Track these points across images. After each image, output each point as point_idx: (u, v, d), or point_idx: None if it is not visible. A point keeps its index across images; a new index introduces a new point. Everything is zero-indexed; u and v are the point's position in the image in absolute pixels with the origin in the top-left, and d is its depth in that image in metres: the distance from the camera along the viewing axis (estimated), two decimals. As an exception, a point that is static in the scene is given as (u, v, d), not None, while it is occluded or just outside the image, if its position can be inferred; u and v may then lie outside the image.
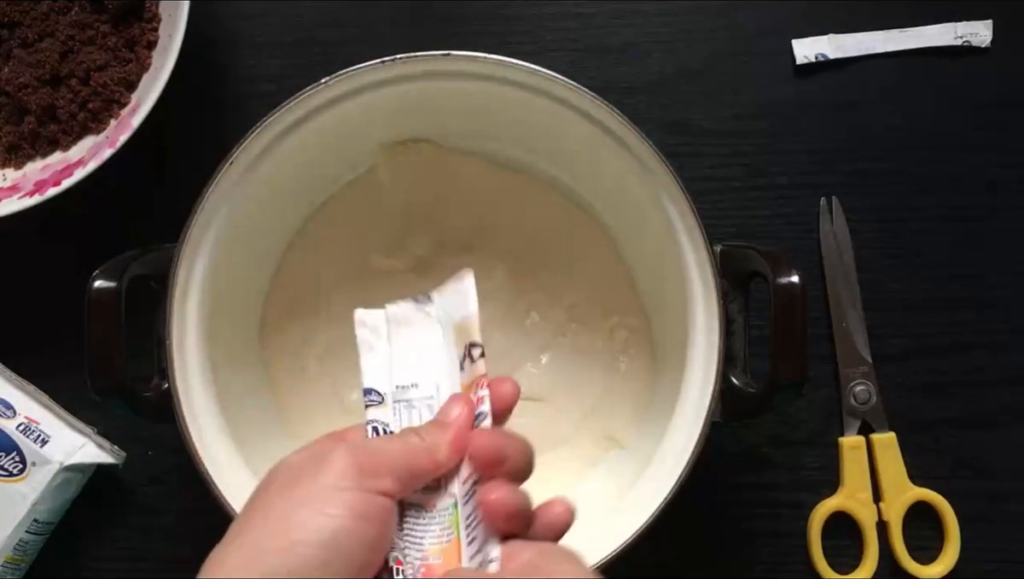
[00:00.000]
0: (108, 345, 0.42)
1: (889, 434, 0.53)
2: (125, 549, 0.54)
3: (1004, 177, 0.55)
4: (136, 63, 0.53)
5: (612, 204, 0.51)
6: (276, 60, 0.57)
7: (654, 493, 0.42)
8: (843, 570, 0.53)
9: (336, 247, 0.53)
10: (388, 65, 0.44)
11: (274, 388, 0.52)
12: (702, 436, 0.42)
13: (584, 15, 0.56)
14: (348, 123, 0.46)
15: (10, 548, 0.50)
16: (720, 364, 0.42)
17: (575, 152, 0.48)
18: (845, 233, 0.54)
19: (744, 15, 0.56)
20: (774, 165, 0.55)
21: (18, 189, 0.52)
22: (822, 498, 0.53)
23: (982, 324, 0.54)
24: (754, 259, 0.43)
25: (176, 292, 0.43)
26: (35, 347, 0.55)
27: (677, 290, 0.44)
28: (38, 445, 0.51)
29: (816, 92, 0.56)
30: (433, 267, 0.53)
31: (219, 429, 0.44)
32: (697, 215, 0.43)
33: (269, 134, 0.44)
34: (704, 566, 0.53)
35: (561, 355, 0.53)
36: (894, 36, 0.56)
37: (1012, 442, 0.54)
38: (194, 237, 0.44)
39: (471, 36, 0.57)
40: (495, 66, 0.44)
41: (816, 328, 0.54)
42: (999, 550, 0.53)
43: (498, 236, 0.53)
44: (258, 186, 0.45)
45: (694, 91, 0.56)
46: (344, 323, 0.53)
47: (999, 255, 0.55)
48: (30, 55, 0.53)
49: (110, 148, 0.49)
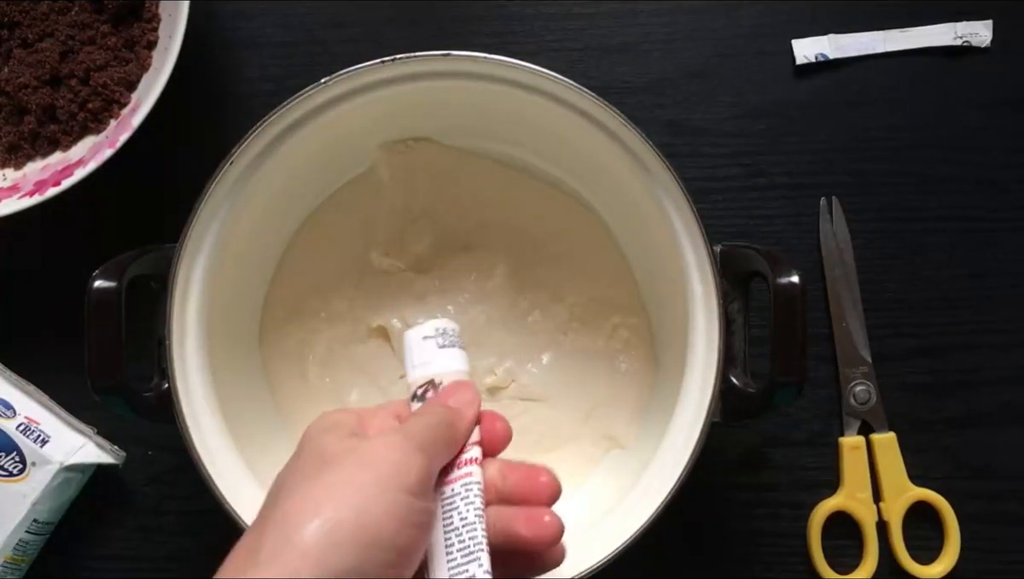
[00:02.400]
0: (108, 345, 0.42)
1: (889, 434, 0.53)
2: (125, 549, 0.54)
3: (1004, 177, 0.55)
4: (136, 63, 0.53)
5: (612, 204, 0.51)
6: (276, 60, 0.57)
7: (654, 493, 0.42)
8: (843, 570, 0.53)
9: (336, 246, 0.53)
10: (388, 65, 0.44)
11: (274, 388, 0.52)
12: (702, 436, 0.42)
13: (584, 15, 0.56)
14: (348, 123, 0.46)
15: (10, 548, 0.50)
16: (720, 364, 0.42)
17: (575, 152, 0.48)
18: (845, 233, 0.54)
19: (744, 15, 0.56)
20: (774, 165, 0.55)
21: (18, 189, 0.52)
22: (822, 498, 0.53)
23: (982, 324, 0.54)
24: (754, 259, 0.43)
25: (176, 292, 0.43)
26: (35, 347, 0.55)
27: (677, 290, 0.44)
28: (38, 445, 0.51)
29: (816, 92, 0.56)
30: (433, 266, 0.53)
31: (219, 429, 0.44)
32: (697, 215, 0.43)
33: (269, 134, 0.44)
34: (704, 566, 0.53)
35: (562, 355, 0.53)
36: (894, 36, 0.56)
37: (1012, 442, 0.54)
38: (194, 237, 0.44)
39: (471, 36, 0.57)
40: (495, 66, 0.44)
41: (816, 328, 0.54)
42: (999, 550, 0.53)
43: (498, 235, 0.53)
44: (258, 186, 0.45)
45: (694, 91, 0.56)
46: (344, 323, 0.53)
47: (999, 255, 0.55)
48: (30, 55, 0.53)
49: (110, 148, 0.49)
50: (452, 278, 0.53)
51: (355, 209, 0.53)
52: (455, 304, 0.53)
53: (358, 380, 0.53)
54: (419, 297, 0.53)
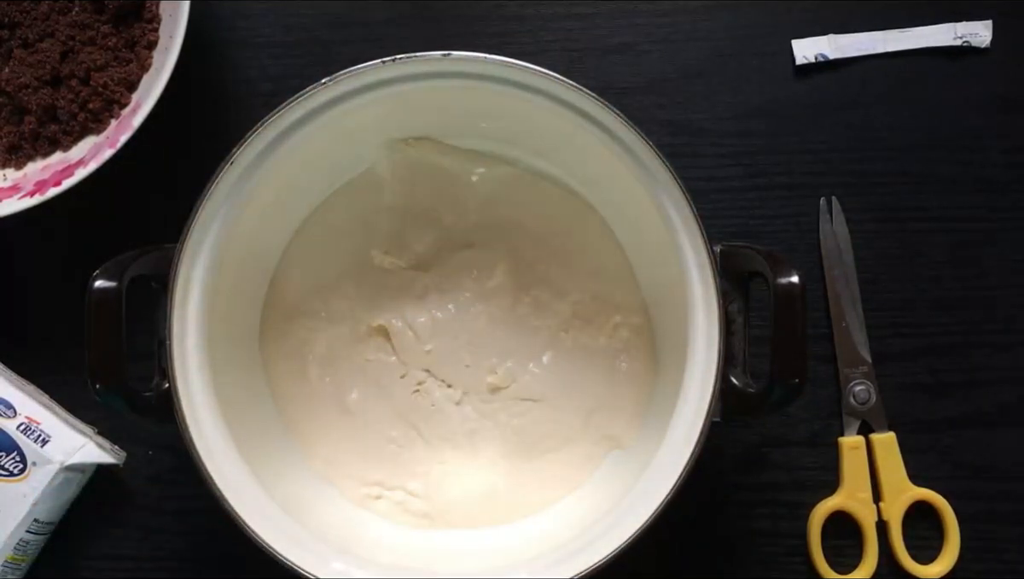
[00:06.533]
0: (108, 345, 0.42)
1: (889, 434, 0.53)
2: (125, 549, 0.54)
3: (1004, 177, 0.55)
4: (136, 63, 0.53)
5: (612, 203, 0.51)
6: (276, 60, 0.57)
7: (654, 493, 0.42)
8: (843, 570, 0.53)
9: (336, 245, 0.53)
10: (388, 65, 0.44)
11: (274, 388, 0.52)
12: (702, 436, 0.42)
13: (584, 15, 0.56)
14: (348, 123, 0.46)
15: (10, 548, 0.50)
16: (720, 364, 0.42)
17: (574, 152, 0.49)
18: (845, 233, 0.54)
19: (744, 15, 0.56)
20: (774, 165, 0.55)
21: (19, 189, 0.52)
22: (822, 498, 0.53)
23: (982, 324, 0.54)
24: (754, 259, 0.43)
25: (176, 292, 0.43)
26: (35, 347, 0.55)
27: (677, 290, 0.44)
28: (38, 445, 0.51)
29: (816, 92, 0.56)
30: (434, 265, 0.53)
31: (219, 429, 0.44)
32: (697, 215, 0.43)
33: (269, 134, 0.44)
34: (704, 566, 0.53)
35: (562, 354, 0.53)
36: (894, 36, 0.56)
37: (1012, 442, 0.54)
38: (194, 237, 0.44)
39: (471, 36, 0.57)
40: (495, 66, 0.44)
41: (816, 328, 0.54)
42: (999, 550, 0.53)
43: (499, 234, 0.53)
44: (258, 186, 0.45)
45: (694, 91, 0.56)
46: (344, 322, 0.53)
47: (999, 255, 0.55)
48: (30, 55, 0.53)
49: (110, 148, 0.50)
50: (453, 277, 0.53)
51: (355, 208, 0.53)
52: (456, 303, 0.53)
53: (358, 380, 0.53)
54: (420, 296, 0.53)
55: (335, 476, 0.51)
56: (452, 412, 0.52)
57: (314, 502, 0.49)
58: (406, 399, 0.52)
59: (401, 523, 0.51)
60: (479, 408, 0.52)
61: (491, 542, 0.50)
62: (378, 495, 0.51)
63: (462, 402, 0.53)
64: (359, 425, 0.52)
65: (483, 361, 0.53)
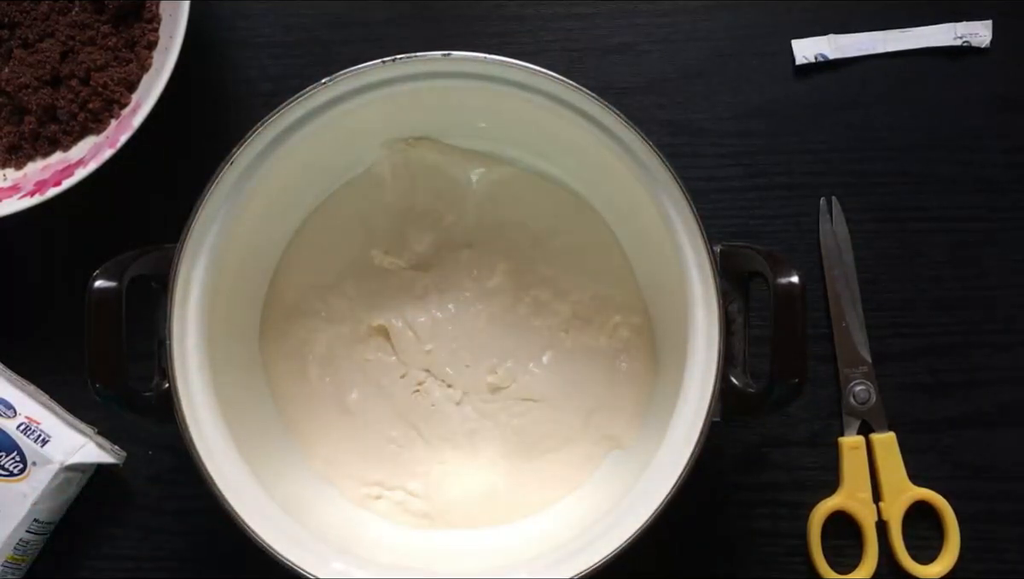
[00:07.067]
0: (108, 345, 0.42)
1: (889, 434, 0.53)
2: (125, 549, 0.54)
3: (1004, 177, 0.55)
4: (136, 63, 0.53)
5: (612, 203, 0.51)
6: (276, 60, 0.57)
7: (654, 493, 0.42)
8: (843, 570, 0.53)
9: (336, 246, 0.53)
10: (388, 65, 0.44)
11: (274, 388, 0.52)
12: (702, 436, 0.42)
13: (584, 15, 0.56)
14: (348, 123, 0.46)
15: (10, 548, 0.50)
16: (720, 364, 0.42)
17: (575, 152, 0.49)
18: (845, 233, 0.55)
19: (744, 15, 0.56)
20: (774, 165, 0.55)
21: (19, 189, 0.52)
22: (822, 498, 0.53)
23: (982, 324, 0.54)
24: (754, 259, 0.43)
25: (176, 292, 0.43)
26: (35, 347, 0.55)
27: (677, 290, 0.44)
28: (38, 445, 0.51)
29: (816, 92, 0.56)
30: (434, 265, 0.53)
31: (219, 429, 0.44)
32: (697, 215, 0.43)
33: (269, 134, 0.44)
34: (704, 566, 0.53)
35: (562, 354, 0.53)
36: (894, 36, 0.56)
37: (1012, 442, 0.54)
38: (194, 237, 0.44)
39: (471, 36, 0.57)
40: (495, 66, 0.44)
41: (816, 328, 0.54)
42: (999, 550, 0.53)
43: (499, 233, 0.53)
44: (258, 186, 0.45)
45: (694, 91, 0.56)
46: (344, 322, 0.53)
47: (999, 255, 0.55)
48: (30, 55, 0.53)
49: (110, 148, 0.50)
50: (453, 276, 0.53)
51: (355, 208, 0.53)
52: (456, 303, 0.53)
53: (358, 380, 0.53)
54: (420, 296, 0.53)
55: (335, 476, 0.51)
56: (452, 412, 0.52)
57: (314, 502, 0.49)
58: (406, 399, 0.52)
59: (401, 523, 0.51)
60: (479, 408, 0.52)
61: (491, 542, 0.50)
62: (378, 495, 0.51)
63: (462, 402, 0.53)
64: (359, 425, 0.52)
65: (483, 361, 0.53)
